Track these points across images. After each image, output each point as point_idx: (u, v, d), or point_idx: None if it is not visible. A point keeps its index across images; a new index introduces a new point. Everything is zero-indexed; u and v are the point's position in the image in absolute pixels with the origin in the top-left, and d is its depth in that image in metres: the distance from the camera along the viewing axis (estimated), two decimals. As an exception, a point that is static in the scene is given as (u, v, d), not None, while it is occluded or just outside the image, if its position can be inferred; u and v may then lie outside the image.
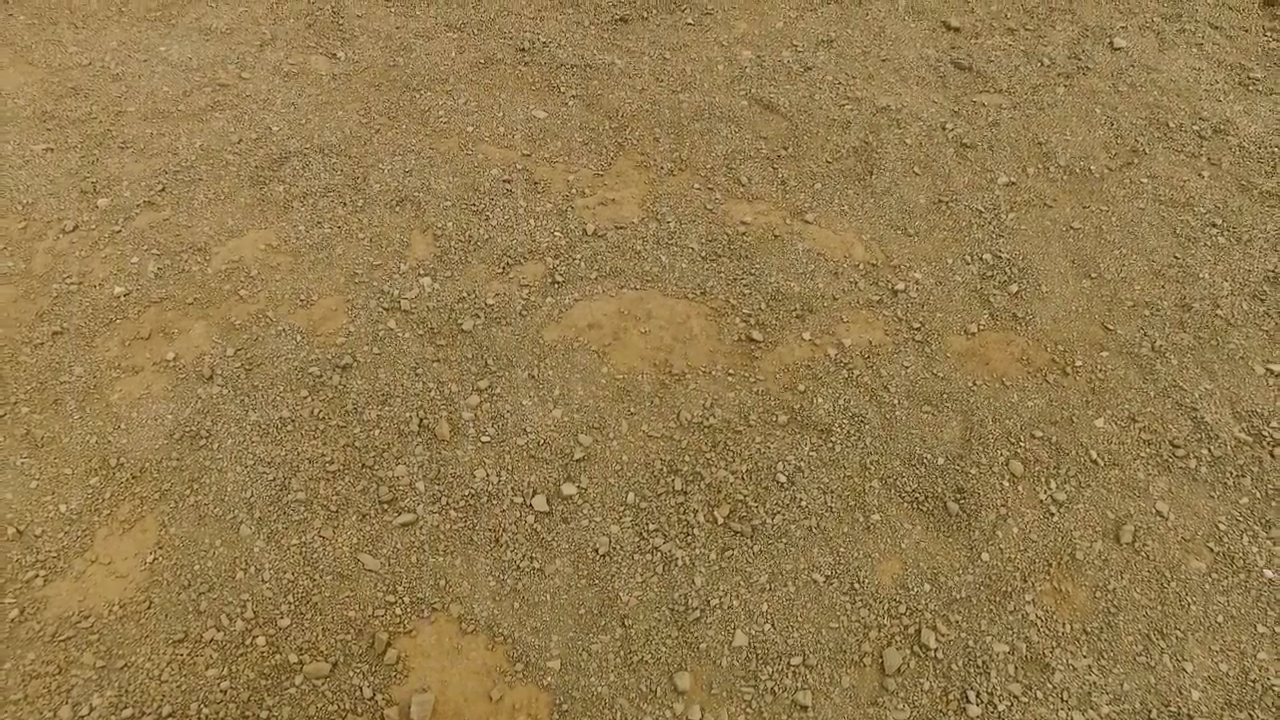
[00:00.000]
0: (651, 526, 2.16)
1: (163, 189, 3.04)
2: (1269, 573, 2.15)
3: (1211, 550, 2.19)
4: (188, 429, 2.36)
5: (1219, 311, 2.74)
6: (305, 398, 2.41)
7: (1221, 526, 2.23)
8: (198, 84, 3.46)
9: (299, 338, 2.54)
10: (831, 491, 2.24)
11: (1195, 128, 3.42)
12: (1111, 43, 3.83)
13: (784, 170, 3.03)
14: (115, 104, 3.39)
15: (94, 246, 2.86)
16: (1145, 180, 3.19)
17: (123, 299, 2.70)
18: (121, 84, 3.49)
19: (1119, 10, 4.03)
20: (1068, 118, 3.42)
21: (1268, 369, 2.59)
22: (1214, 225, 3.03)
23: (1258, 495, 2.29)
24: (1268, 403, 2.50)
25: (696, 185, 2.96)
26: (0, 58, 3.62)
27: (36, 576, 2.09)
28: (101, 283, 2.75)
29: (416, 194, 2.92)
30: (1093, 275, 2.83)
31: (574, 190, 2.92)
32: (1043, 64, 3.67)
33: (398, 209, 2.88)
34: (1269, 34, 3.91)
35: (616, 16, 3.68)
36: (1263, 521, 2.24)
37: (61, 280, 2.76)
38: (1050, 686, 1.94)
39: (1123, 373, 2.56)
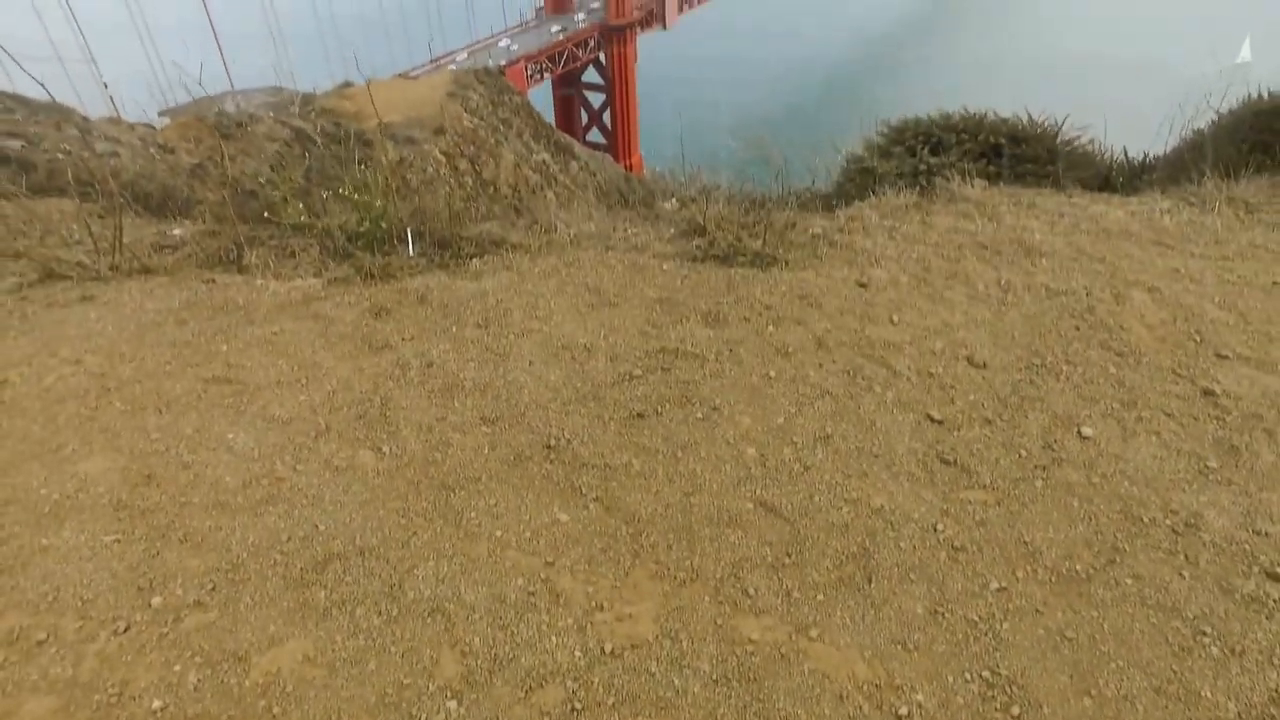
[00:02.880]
0: None
1: (213, 588, 3.28)
2: None
3: None
4: None
5: (1226, 741, 2.80)
6: (324, 843, 2.45)
7: None
8: (256, 475, 3.86)
9: (325, 769, 2.63)
10: None
11: (1168, 522, 3.69)
12: (1080, 431, 4.24)
13: (788, 580, 3.27)
14: (182, 493, 3.77)
15: (141, 651, 3.04)
16: (1129, 581, 3.39)
17: (159, 714, 2.83)
18: (190, 472, 3.89)
19: (1081, 398, 4.50)
20: (1049, 513, 3.71)
21: (1285, 812, 2.59)
22: (1204, 633, 3.17)
23: None
24: None
25: (707, 598, 3.19)
26: (93, 444, 4.08)
27: None
28: (141, 694, 2.89)
29: (447, 604, 3.15)
30: (1092, 693, 2.93)
31: (593, 604, 3.15)
32: (1020, 455, 4.05)
33: (429, 620, 3.09)
34: (1214, 420, 4.33)
35: (634, 412, 4.18)
36: None
37: (104, 690, 2.91)
38: None
39: (1136, 815, 2.56)
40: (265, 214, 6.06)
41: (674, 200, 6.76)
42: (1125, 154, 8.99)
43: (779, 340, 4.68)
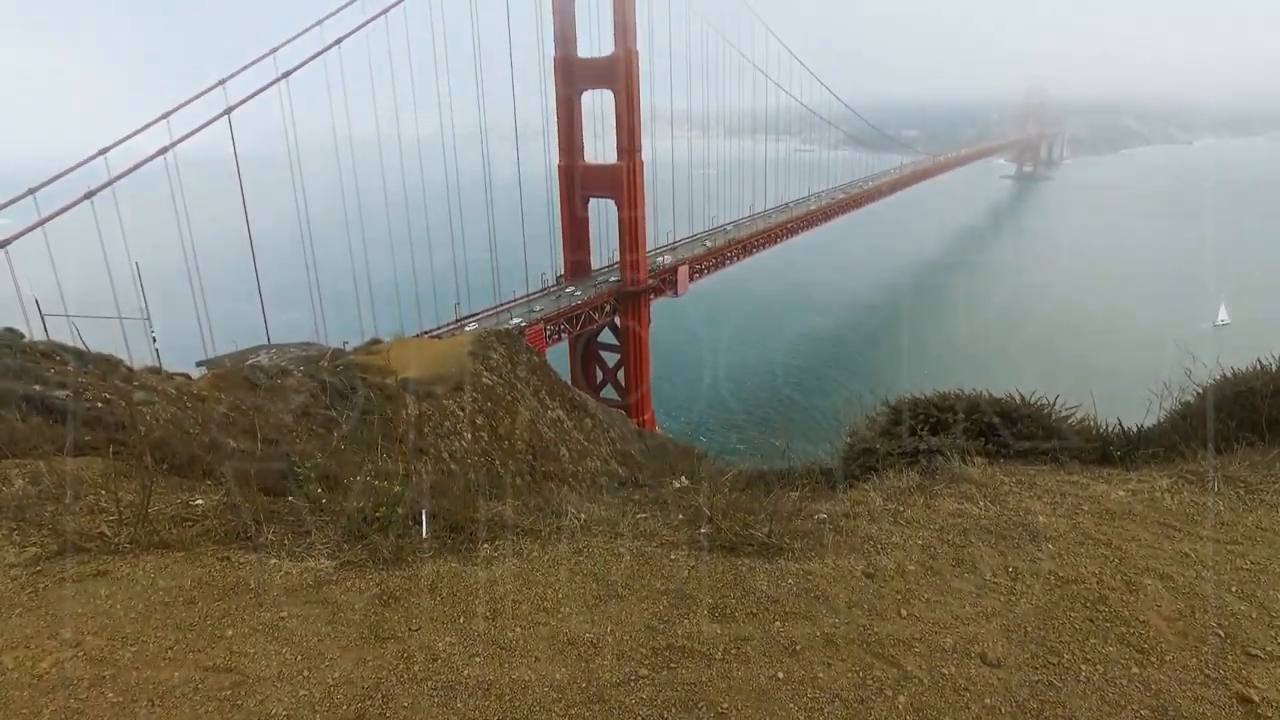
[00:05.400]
0: None
1: None
2: None
3: None
4: None
5: None
6: None
7: None
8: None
9: None
10: None
11: None
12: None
13: None
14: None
15: None
16: None
17: None
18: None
19: (1105, 703, 4.31)
20: None
21: None
22: None
23: None
24: None
25: None
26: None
27: None
28: None
29: None
30: None
31: None
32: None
33: None
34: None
35: (640, 718, 4.03)
36: None
37: None
38: None
39: None
40: (287, 495, 6.29)
41: (683, 479, 6.96)
42: (1120, 424, 9.27)
43: (786, 638, 4.62)
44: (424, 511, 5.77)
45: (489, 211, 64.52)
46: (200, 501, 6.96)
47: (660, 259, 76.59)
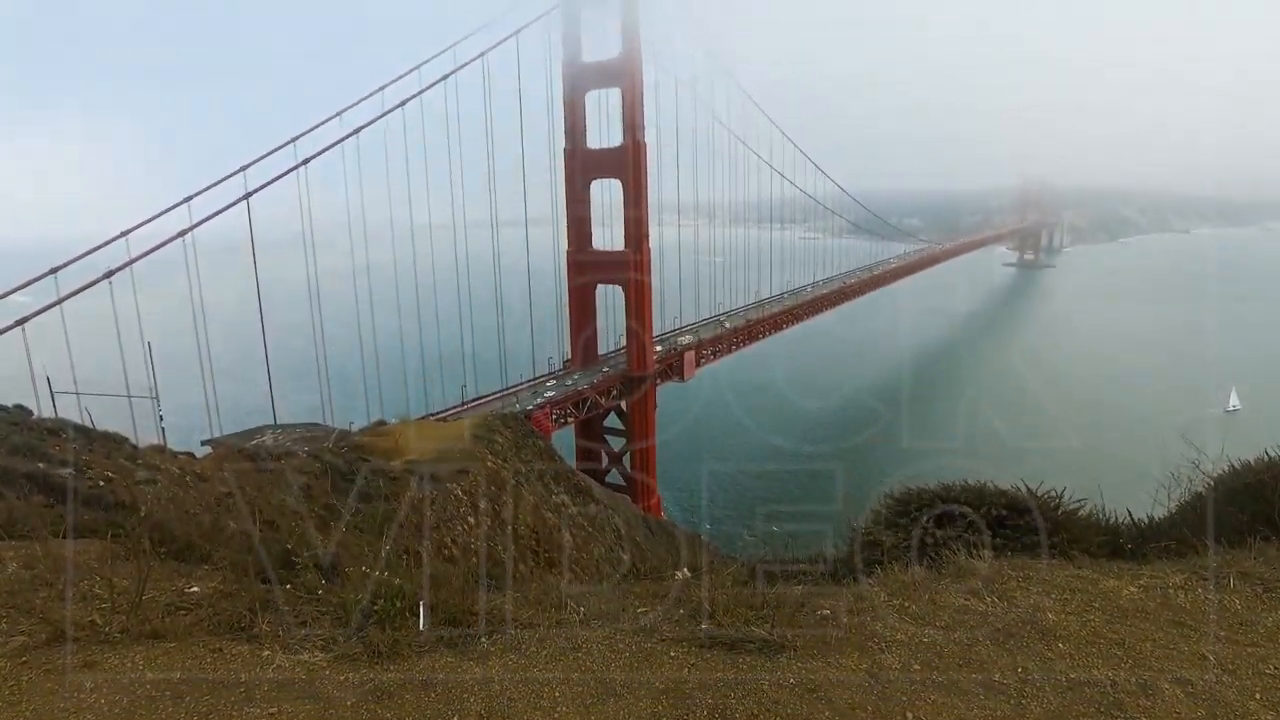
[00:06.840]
0: None
1: None
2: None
3: None
4: None
5: None
6: None
7: None
8: None
9: None
10: None
11: None
12: None
13: None
14: None
15: None
16: None
17: None
18: None
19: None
20: None
21: None
22: None
23: None
24: None
25: None
26: None
27: None
28: None
29: None
30: None
31: None
32: None
33: None
34: None
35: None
36: None
37: None
38: None
39: None
40: (285, 583, 6.22)
41: (685, 570, 6.87)
42: (1130, 516, 9.09)
43: (789, 742, 4.47)
44: (422, 603, 5.68)
45: (498, 296, 65.50)
46: (195, 589, 6.86)
47: (667, 343, 77.07)
